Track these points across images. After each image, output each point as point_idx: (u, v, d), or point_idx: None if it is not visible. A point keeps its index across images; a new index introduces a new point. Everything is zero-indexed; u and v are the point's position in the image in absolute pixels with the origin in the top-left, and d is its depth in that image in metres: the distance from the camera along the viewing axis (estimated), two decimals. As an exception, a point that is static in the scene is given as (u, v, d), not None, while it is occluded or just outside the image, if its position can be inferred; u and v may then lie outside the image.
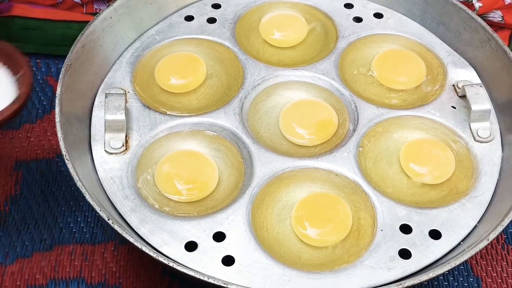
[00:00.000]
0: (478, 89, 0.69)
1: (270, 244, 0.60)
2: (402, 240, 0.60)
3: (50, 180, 0.74)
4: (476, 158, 0.66)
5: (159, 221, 0.60)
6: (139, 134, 0.66)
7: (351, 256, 0.59)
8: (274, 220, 0.61)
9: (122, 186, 0.62)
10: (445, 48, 0.74)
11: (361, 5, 0.77)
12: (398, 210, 0.62)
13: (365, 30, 0.75)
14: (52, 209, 0.72)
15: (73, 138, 0.63)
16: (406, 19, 0.76)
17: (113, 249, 0.70)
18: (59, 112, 0.62)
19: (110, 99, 0.65)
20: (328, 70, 0.71)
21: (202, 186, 0.63)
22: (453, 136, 0.67)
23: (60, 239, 0.70)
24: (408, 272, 0.58)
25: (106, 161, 0.64)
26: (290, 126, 0.67)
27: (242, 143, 0.65)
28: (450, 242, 0.60)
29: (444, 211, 0.62)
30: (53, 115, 0.72)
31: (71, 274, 0.68)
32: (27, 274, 0.68)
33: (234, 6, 0.76)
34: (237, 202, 0.61)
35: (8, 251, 0.69)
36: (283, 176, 0.63)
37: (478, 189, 0.64)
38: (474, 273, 0.70)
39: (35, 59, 0.83)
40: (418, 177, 0.64)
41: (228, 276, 0.57)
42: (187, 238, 0.59)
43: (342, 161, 0.64)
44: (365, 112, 0.68)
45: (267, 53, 0.73)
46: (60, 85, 0.64)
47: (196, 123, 0.67)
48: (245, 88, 0.69)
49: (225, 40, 0.73)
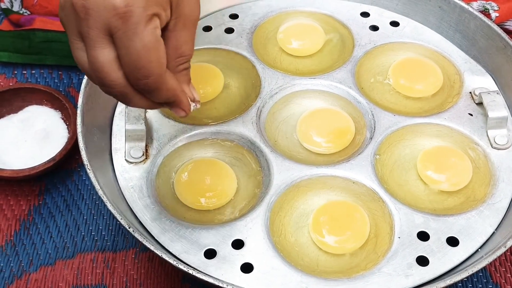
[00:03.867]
0: (495, 96, 0.69)
1: (288, 251, 0.60)
2: (419, 247, 0.60)
3: (72, 190, 0.75)
4: (494, 165, 0.66)
5: (179, 229, 0.61)
6: (159, 144, 0.67)
7: (369, 263, 0.60)
8: (292, 227, 0.62)
9: (142, 195, 0.63)
10: (462, 56, 0.74)
11: (377, 14, 0.77)
12: (416, 217, 0.62)
13: (382, 39, 0.75)
14: (74, 218, 0.73)
15: (94, 148, 0.64)
16: (422, 27, 0.76)
17: (134, 257, 0.71)
18: (81, 123, 0.63)
19: (130, 109, 0.66)
20: (345, 78, 0.71)
21: (221, 194, 0.64)
22: (470, 144, 0.67)
23: (82, 247, 0.71)
24: (426, 279, 0.59)
25: (126, 170, 0.65)
26: (307, 135, 0.68)
27: (260, 152, 0.66)
28: (467, 249, 0.60)
29: (462, 218, 0.62)
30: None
31: (93, 281, 0.69)
32: (50, 281, 0.69)
33: (251, 16, 0.77)
34: (256, 210, 0.62)
35: (32, 259, 0.71)
36: (300, 184, 0.64)
37: (495, 196, 0.64)
38: (493, 280, 0.70)
39: (57, 71, 0.84)
40: (436, 184, 0.65)
41: (247, 283, 0.58)
42: (206, 246, 0.60)
43: (359, 169, 0.65)
44: (382, 120, 0.68)
45: (284, 62, 0.74)
46: (82, 96, 0.65)
47: (214, 132, 0.67)
48: (262, 97, 0.70)
49: (243, 49, 0.74)
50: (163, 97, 0.53)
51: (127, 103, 0.53)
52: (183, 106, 0.55)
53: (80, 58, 0.51)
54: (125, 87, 0.51)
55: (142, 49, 0.49)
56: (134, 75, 0.50)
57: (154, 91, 0.52)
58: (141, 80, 0.50)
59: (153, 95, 0.52)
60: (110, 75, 0.50)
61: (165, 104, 0.55)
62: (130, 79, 0.51)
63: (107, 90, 0.52)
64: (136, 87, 0.51)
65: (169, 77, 0.52)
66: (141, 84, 0.51)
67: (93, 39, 0.49)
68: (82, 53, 0.51)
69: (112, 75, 0.50)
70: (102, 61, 0.50)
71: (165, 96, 0.53)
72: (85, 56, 0.51)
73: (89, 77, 0.52)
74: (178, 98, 0.54)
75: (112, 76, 0.50)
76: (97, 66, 0.50)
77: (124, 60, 0.50)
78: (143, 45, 0.49)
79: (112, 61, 0.50)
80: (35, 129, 0.76)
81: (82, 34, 0.50)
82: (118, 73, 0.50)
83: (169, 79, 0.52)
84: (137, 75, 0.50)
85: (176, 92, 0.53)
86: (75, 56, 0.52)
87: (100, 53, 0.50)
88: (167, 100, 0.54)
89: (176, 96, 0.54)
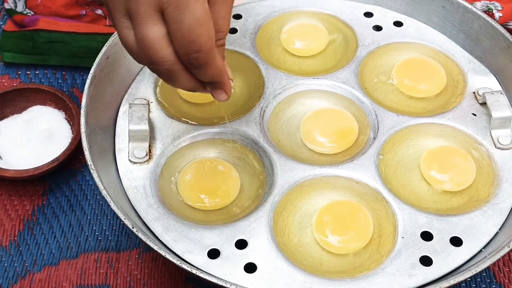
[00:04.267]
0: (498, 96, 0.69)
1: (291, 251, 0.60)
2: (423, 247, 0.60)
3: (76, 190, 0.75)
4: (497, 165, 0.66)
5: (182, 229, 0.61)
6: (162, 144, 0.67)
7: (372, 263, 0.60)
8: (296, 227, 0.62)
9: (146, 195, 0.63)
10: (465, 56, 0.74)
11: (380, 14, 0.77)
12: (419, 217, 0.62)
13: (385, 39, 0.75)
14: (78, 218, 0.73)
15: (98, 148, 0.64)
16: (426, 27, 0.76)
17: (137, 257, 0.71)
18: (84, 123, 0.63)
19: (134, 110, 0.67)
20: (348, 78, 0.71)
21: (224, 194, 0.64)
22: (473, 144, 0.67)
23: (86, 247, 0.71)
24: (429, 279, 0.59)
25: (130, 170, 0.65)
26: (311, 135, 0.68)
27: (264, 152, 0.66)
28: (471, 249, 0.60)
29: (465, 218, 0.62)
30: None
31: (97, 281, 0.69)
32: (54, 281, 0.69)
33: (254, 17, 0.77)
34: (259, 210, 0.62)
35: (36, 259, 0.71)
36: (304, 184, 0.64)
37: (499, 196, 0.64)
38: (496, 280, 0.70)
39: (61, 71, 0.84)
40: (439, 184, 0.65)
41: (250, 283, 0.58)
42: (210, 246, 0.60)
43: (363, 169, 0.65)
44: (385, 120, 0.68)
45: (288, 62, 0.74)
46: (85, 96, 0.65)
47: (217, 132, 0.68)
48: (266, 97, 0.70)
49: (246, 50, 0.74)
50: (210, 74, 0.53)
51: (173, 82, 0.53)
52: (226, 87, 0.56)
53: (127, 36, 0.51)
54: (174, 64, 0.51)
55: (194, 23, 0.49)
56: (186, 49, 0.50)
57: (203, 67, 0.52)
58: (192, 54, 0.50)
59: (202, 71, 0.52)
60: (160, 52, 0.50)
61: (209, 85, 0.55)
62: (180, 55, 0.51)
63: (155, 67, 0.52)
64: (187, 62, 0.51)
65: (217, 53, 0.52)
66: (192, 58, 0.51)
67: (144, 16, 0.49)
68: (128, 31, 0.51)
69: (162, 51, 0.50)
70: (152, 38, 0.50)
71: (213, 73, 0.53)
72: (132, 34, 0.51)
73: (135, 55, 0.52)
74: (223, 77, 0.54)
75: (162, 52, 0.50)
76: (147, 43, 0.50)
77: (175, 35, 0.50)
78: (195, 19, 0.49)
79: (162, 37, 0.50)
80: (39, 129, 0.76)
81: (130, 11, 0.50)
82: (168, 49, 0.51)
83: (217, 55, 0.52)
84: (189, 49, 0.50)
85: (222, 70, 0.54)
86: (121, 34, 0.52)
87: (150, 29, 0.50)
88: (213, 79, 0.54)
89: (221, 74, 0.54)
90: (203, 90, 0.56)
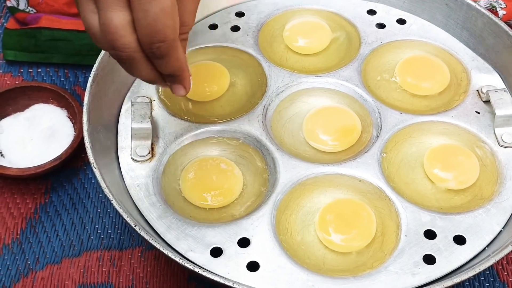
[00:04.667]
0: (502, 94, 0.68)
1: (294, 249, 0.60)
2: (426, 246, 0.60)
3: (78, 188, 0.75)
4: (501, 163, 0.65)
5: (185, 227, 0.61)
6: (165, 142, 0.67)
7: (375, 261, 0.60)
8: (298, 226, 0.62)
9: (148, 193, 0.63)
10: (469, 53, 0.74)
11: (384, 12, 0.77)
12: (422, 215, 0.62)
13: (388, 36, 0.75)
14: (80, 216, 0.73)
15: (100, 146, 0.64)
16: (429, 24, 0.76)
17: (140, 255, 0.71)
18: (86, 121, 0.63)
19: (136, 108, 0.66)
20: (351, 76, 0.71)
21: (227, 192, 0.64)
22: (477, 142, 0.67)
23: (88, 245, 0.71)
24: (433, 277, 0.58)
25: (132, 169, 0.65)
26: (313, 133, 0.68)
27: (266, 150, 0.66)
28: (474, 247, 0.60)
29: (469, 217, 0.62)
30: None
31: (99, 279, 0.69)
32: (56, 279, 0.69)
33: (257, 14, 0.77)
34: (262, 208, 0.62)
35: (38, 257, 0.71)
36: (307, 182, 0.64)
37: (503, 195, 0.63)
38: (500, 279, 0.69)
39: (63, 69, 0.84)
40: (442, 182, 0.64)
41: (253, 281, 0.58)
42: (212, 244, 0.60)
43: (366, 167, 0.65)
44: (388, 118, 0.68)
45: (291, 60, 0.74)
46: (88, 94, 0.65)
47: (220, 130, 0.67)
48: (268, 95, 0.70)
49: (249, 47, 0.74)
50: (171, 66, 0.53)
51: (133, 70, 0.53)
52: (185, 82, 0.56)
53: (90, 20, 0.51)
54: (136, 52, 0.51)
55: (160, 13, 0.49)
56: (149, 39, 0.50)
57: (165, 57, 0.52)
58: (155, 43, 0.50)
59: (163, 62, 0.52)
60: (123, 38, 0.50)
61: (169, 78, 0.55)
62: (143, 44, 0.51)
63: (116, 54, 0.52)
64: (149, 52, 0.51)
65: (179, 46, 0.52)
66: (154, 48, 0.51)
67: (110, 1, 0.49)
68: (93, 15, 0.51)
69: (125, 38, 0.50)
70: (116, 24, 0.50)
71: (173, 65, 0.53)
72: (96, 18, 0.51)
73: (97, 40, 0.52)
74: (183, 71, 0.54)
75: (125, 39, 0.50)
76: (110, 28, 0.50)
77: (140, 23, 0.50)
78: (161, 9, 0.49)
79: (127, 24, 0.50)
80: (41, 127, 0.76)
81: None
82: (131, 36, 0.51)
83: (179, 48, 0.53)
84: (152, 39, 0.50)
85: (183, 63, 0.54)
86: (84, 18, 0.52)
87: (115, 15, 0.50)
88: (173, 71, 0.54)
89: (182, 68, 0.54)
90: (162, 83, 0.56)
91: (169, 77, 0.55)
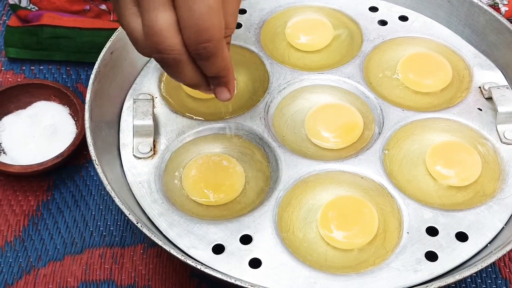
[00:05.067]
0: (504, 91, 0.68)
1: (296, 246, 0.60)
2: (428, 243, 0.60)
3: (80, 185, 0.75)
4: (503, 160, 0.65)
5: (187, 224, 0.61)
6: (167, 139, 0.67)
7: (377, 258, 0.60)
8: (300, 223, 0.62)
9: (150, 190, 0.63)
10: (471, 50, 0.74)
11: (386, 8, 0.77)
12: (424, 212, 0.62)
13: (390, 33, 0.75)
14: (82, 213, 0.73)
15: (102, 143, 0.64)
16: (431, 21, 0.76)
17: (142, 252, 0.71)
18: (89, 118, 0.63)
19: (138, 105, 0.66)
20: (353, 73, 0.71)
21: (229, 189, 0.64)
22: (479, 138, 0.67)
23: (91, 243, 0.71)
24: (435, 274, 0.58)
25: (134, 166, 0.65)
26: (315, 130, 0.68)
27: (268, 147, 0.66)
28: (477, 244, 0.60)
29: (471, 213, 0.62)
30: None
31: (102, 276, 0.69)
32: (59, 277, 0.69)
33: (259, 11, 0.77)
34: (264, 205, 0.62)
35: (41, 254, 0.71)
36: (309, 179, 0.64)
37: (505, 191, 0.63)
38: (502, 275, 0.69)
39: (65, 67, 0.84)
40: (445, 179, 0.64)
41: (255, 278, 0.58)
42: (214, 241, 0.60)
43: (368, 164, 0.65)
44: (390, 115, 0.68)
45: (292, 57, 0.74)
46: (90, 92, 0.65)
47: (222, 127, 0.67)
48: (270, 92, 0.70)
49: (251, 44, 0.74)
50: (217, 66, 0.51)
51: (178, 74, 0.52)
52: (230, 85, 0.54)
53: (133, 24, 0.50)
54: (182, 53, 0.50)
55: (206, 11, 0.48)
56: (195, 38, 0.49)
57: (211, 58, 0.50)
58: (202, 43, 0.49)
59: (209, 62, 0.51)
60: (169, 40, 0.49)
61: (214, 80, 0.53)
62: (189, 45, 0.49)
63: (161, 57, 0.50)
64: (195, 53, 0.50)
65: (225, 45, 0.51)
66: (200, 48, 0.49)
67: (154, 2, 0.48)
68: (135, 18, 0.50)
69: (171, 40, 0.49)
70: (161, 24, 0.48)
71: (219, 65, 0.51)
72: (139, 22, 0.49)
73: (140, 44, 0.50)
74: (228, 73, 0.53)
75: (171, 41, 0.49)
76: (155, 30, 0.49)
77: (186, 23, 0.48)
78: (207, 7, 0.48)
79: (172, 25, 0.49)
80: (43, 124, 0.76)
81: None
82: (177, 37, 0.49)
83: (225, 47, 0.51)
84: (199, 38, 0.49)
85: (229, 64, 0.52)
86: (126, 21, 0.50)
87: (160, 16, 0.48)
88: (219, 72, 0.52)
89: (228, 68, 0.53)
90: (206, 87, 0.55)
91: (214, 79, 0.54)
